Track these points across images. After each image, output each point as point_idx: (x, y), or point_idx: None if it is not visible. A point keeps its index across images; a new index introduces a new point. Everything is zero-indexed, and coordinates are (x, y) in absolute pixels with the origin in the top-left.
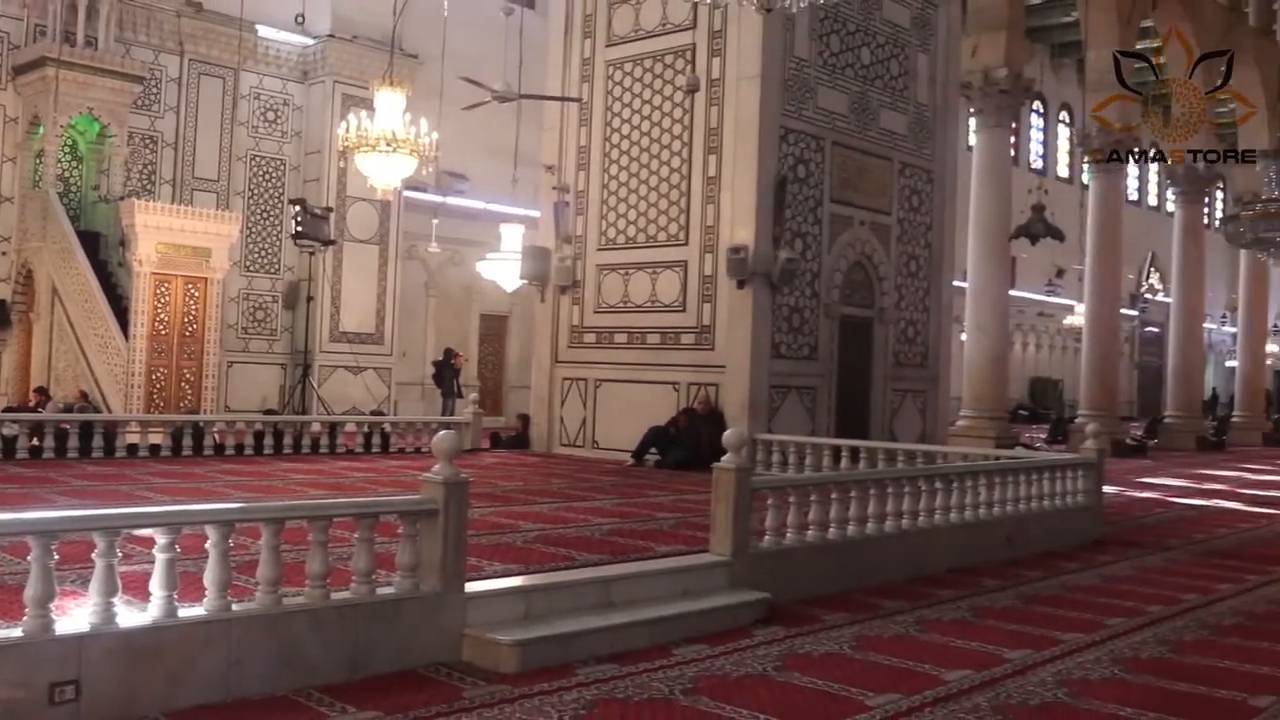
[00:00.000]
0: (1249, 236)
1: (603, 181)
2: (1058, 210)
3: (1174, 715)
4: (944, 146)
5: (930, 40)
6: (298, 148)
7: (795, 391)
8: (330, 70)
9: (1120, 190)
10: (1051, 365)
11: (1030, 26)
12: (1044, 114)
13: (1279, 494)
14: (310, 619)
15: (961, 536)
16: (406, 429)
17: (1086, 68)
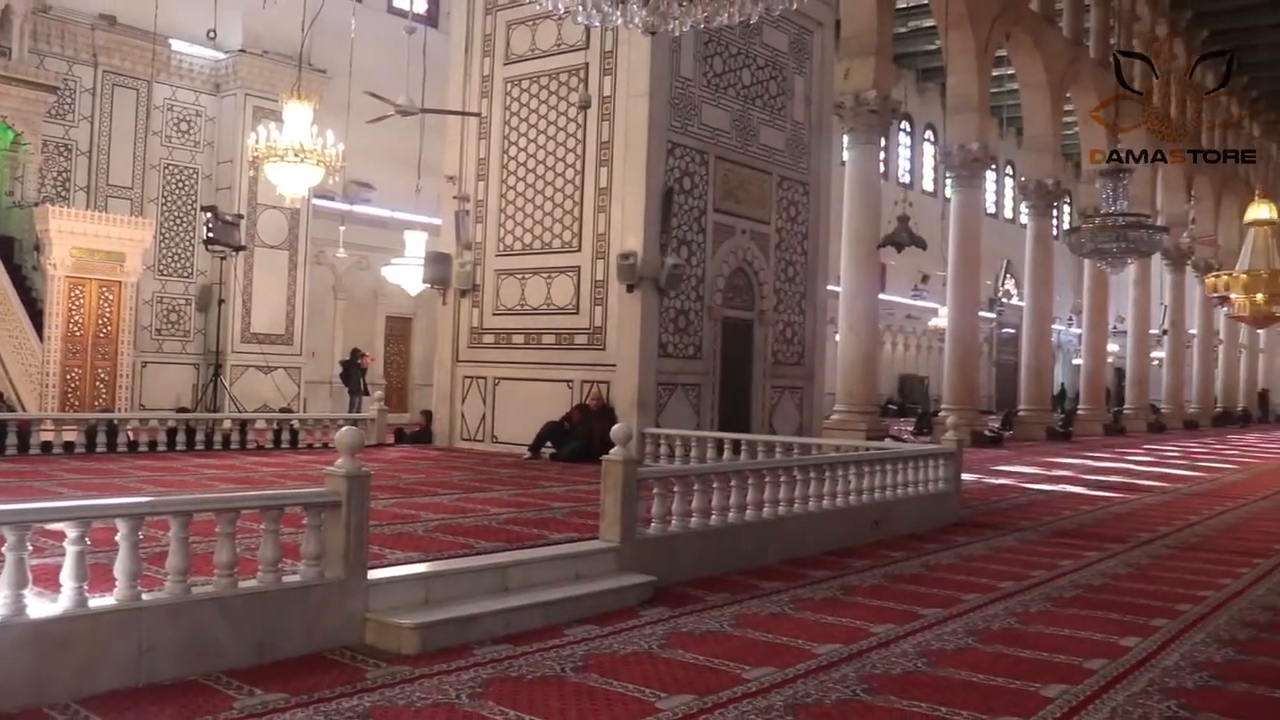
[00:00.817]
0: (1089, 247)
1: (501, 191)
2: (922, 221)
3: (1019, 679)
4: (818, 161)
5: (806, 64)
6: (210, 157)
7: (681, 388)
8: (241, 83)
9: (979, 203)
10: (918, 363)
11: (898, 53)
12: (911, 132)
13: (1117, 479)
14: (219, 607)
15: (834, 521)
16: (314, 425)
17: (948, 91)
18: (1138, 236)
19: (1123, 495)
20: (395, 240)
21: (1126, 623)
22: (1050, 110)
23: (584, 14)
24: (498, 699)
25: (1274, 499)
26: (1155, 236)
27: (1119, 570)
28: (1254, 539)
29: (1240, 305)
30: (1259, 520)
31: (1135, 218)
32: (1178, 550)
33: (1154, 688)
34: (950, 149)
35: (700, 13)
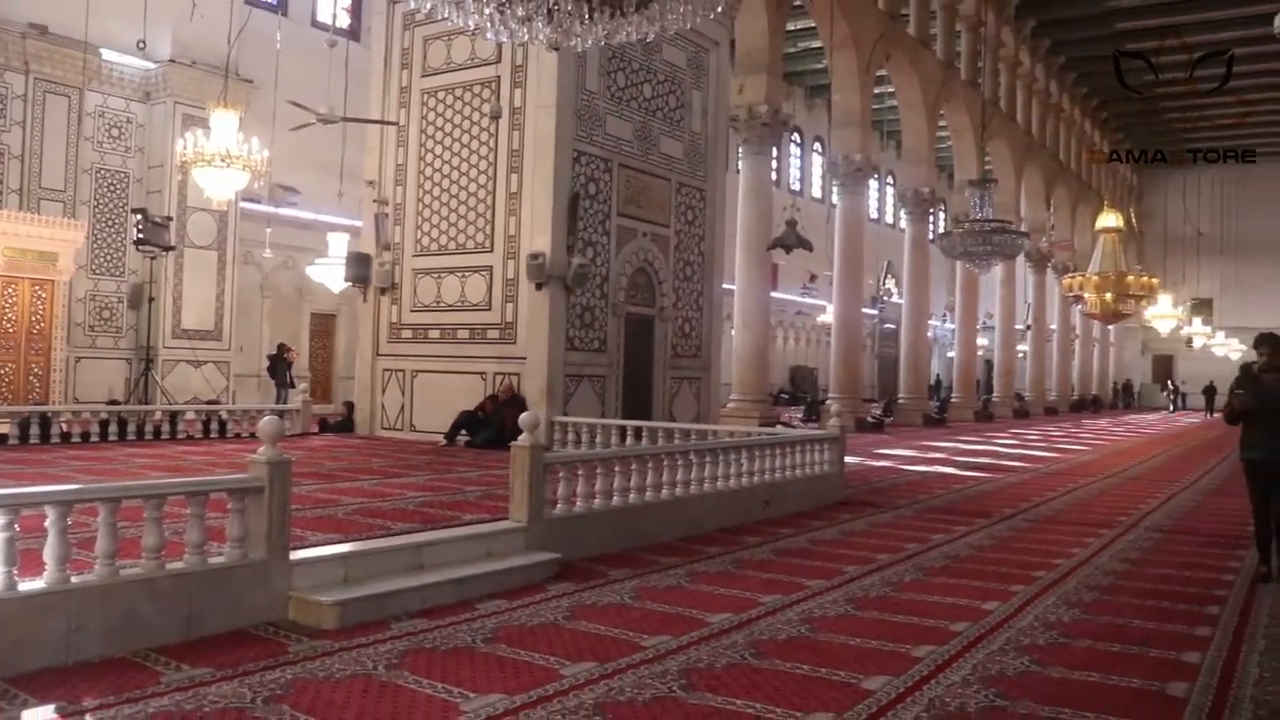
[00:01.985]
0: (959, 250)
1: (418, 195)
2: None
3: (892, 641)
4: (714, 170)
5: (703, 79)
6: (141, 162)
7: (587, 379)
8: (171, 92)
9: (862, 209)
10: (807, 356)
11: (788, 71)
12: (800, 144)
13: (984, 461)
14: (146, 587)
15: (727, 501)
16: (242, 416)
17: (834, 107)
18: (1002, 240)
19: (989, 475)
20: (319, 241)
21: (989, 589)
22: (926, 126)
23: (493, 30)
24: (413, 669)
25: (1119, 477)
26: (1018, 241)
27: (984, 542)
28: (1101, 512)
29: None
30: (1106, 496)
31: (1000, 223)
32: (1035, 524)
33: (1010, 646)
34: (836, 159)
35: (601, 30)
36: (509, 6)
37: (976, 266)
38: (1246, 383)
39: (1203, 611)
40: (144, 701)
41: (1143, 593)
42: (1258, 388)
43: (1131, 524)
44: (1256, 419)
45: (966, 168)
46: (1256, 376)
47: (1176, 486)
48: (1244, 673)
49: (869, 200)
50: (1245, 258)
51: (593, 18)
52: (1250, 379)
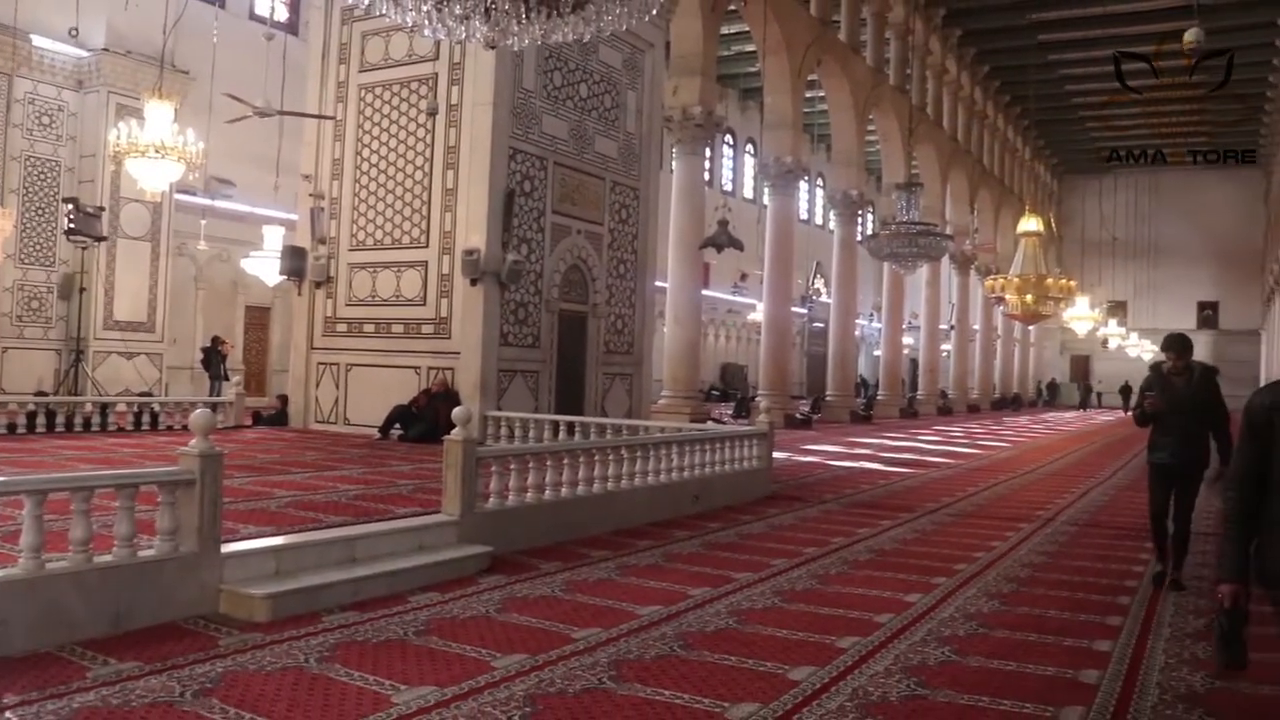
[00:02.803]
0: (886, 251)
1: (354, 190)
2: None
3: (818, 633)
4: (648, 169)
5: (638, 80)
6: (73, 151)
7: (521, 375)
8: (104, 81)
9: (792, 210)
10: (738, 353)
11: (722, 74)
12: (733, 145)
13: (909, 457)
14: (73, 581)
15: (658, 496)
16: (174, 408)
17: (766, 109)
18: (928, 243)
19: (913, 471)
20: (254, 234)
21: (912, 581)
22: (855, 130)
23: (430, 28)
24: (344, 661)
25: (1037, 472)
26: (943, 243)
27: (907, 536)
28: (1020, 507)
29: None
30: (1025, 491)
31: (926, 226)
32: (957, 518)
33: (932, 636)
34: (767, 161)
35: (538, 30)
36: (446, 4)
37: (903, 268)
38: (1156, 384)
39: (1114, 602)
40: (69, 697)
41: (1058, 584)
42: (1167, 390)
43: (1049, 518)
44: (1165, 421)
45: (894, 171)
46: (1166, 378)
47: (1092, 482)
48: (1151, 659)
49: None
50: (1157, 261)
51: (530, 17)
52: (1160, 380)
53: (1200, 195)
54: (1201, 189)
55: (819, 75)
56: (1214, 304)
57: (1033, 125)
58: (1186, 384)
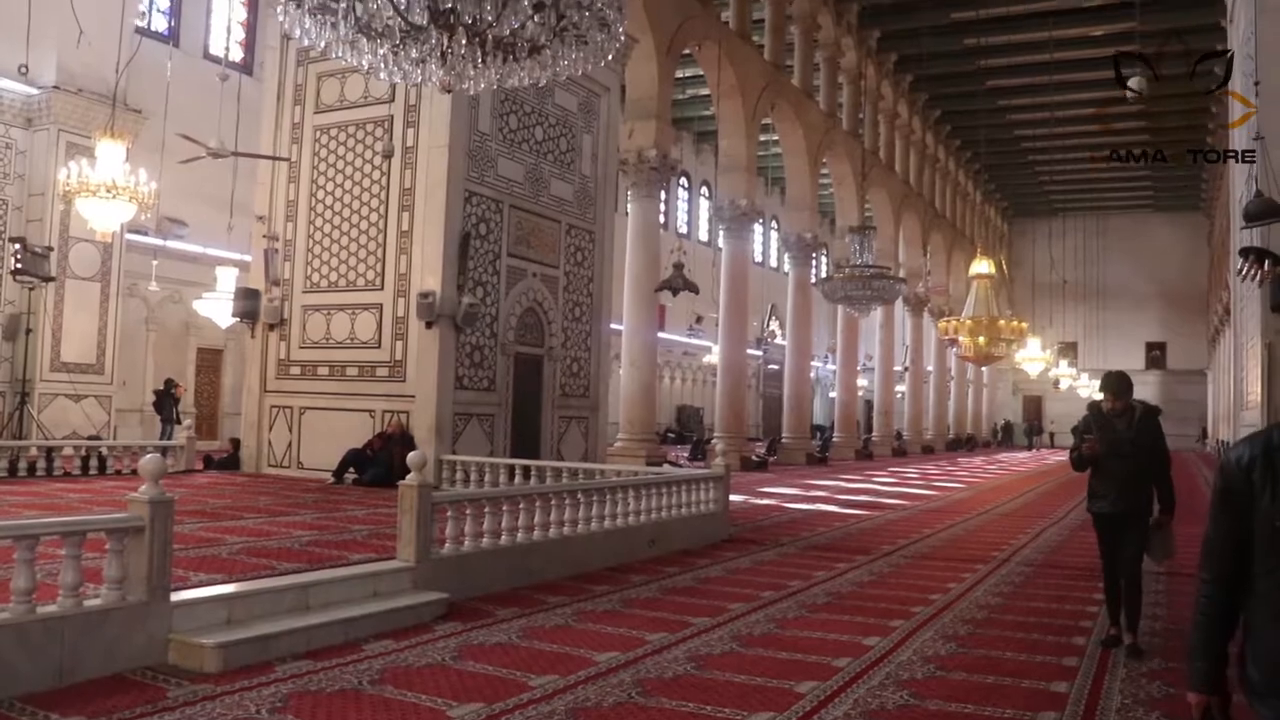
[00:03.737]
0: (840, 294)
1: (309, 232)
2: (697, 268)
3: (776, 678)
4: (604, 212)
5: (594, 123)
6: (21, 189)
7: (476, 418)
8: (55, 119)
9: (747, 253)
10: (694, 395)
11: (677, 117)
12: (688, 187)
13: (865, 499)
14: (15, 632)
15: (614, 540)
16: (123, 452)
17: (720, 153)
18: (881, 286)
19: (870, 512)
20: (207, 275)
21: (869, 624)
22: (809, 173)
23: (387, 71)
24: (297, 712)
25: (992, 513)
26: (896, 286)
27: (864, 579)
28: (976, 548)
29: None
30: (980, 532)
31: (879, 269)
32: (914, 560)
33: (890, 680)
34: (722, 204)
35: (494, 74)
36: (403, 48)
37: (857, 310)
38: (1094, 425)
39: (1070, 643)
40: None
41: (1015, 625)
42: (1105, 432)
43: (1004, 559)
44: (1104, 466)
45: (848, 214)
46: (1104, 419)
47: (1046, 521)
48: (1107, 700)
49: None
50: (1105, 303)
51: (486, 62)
52: (1098, 421)
53: (1147, 238)
54: (1148, 232)
55: (773, 119)
56: (1162, 345)
57: (983, 169)
58: (1127, 426)
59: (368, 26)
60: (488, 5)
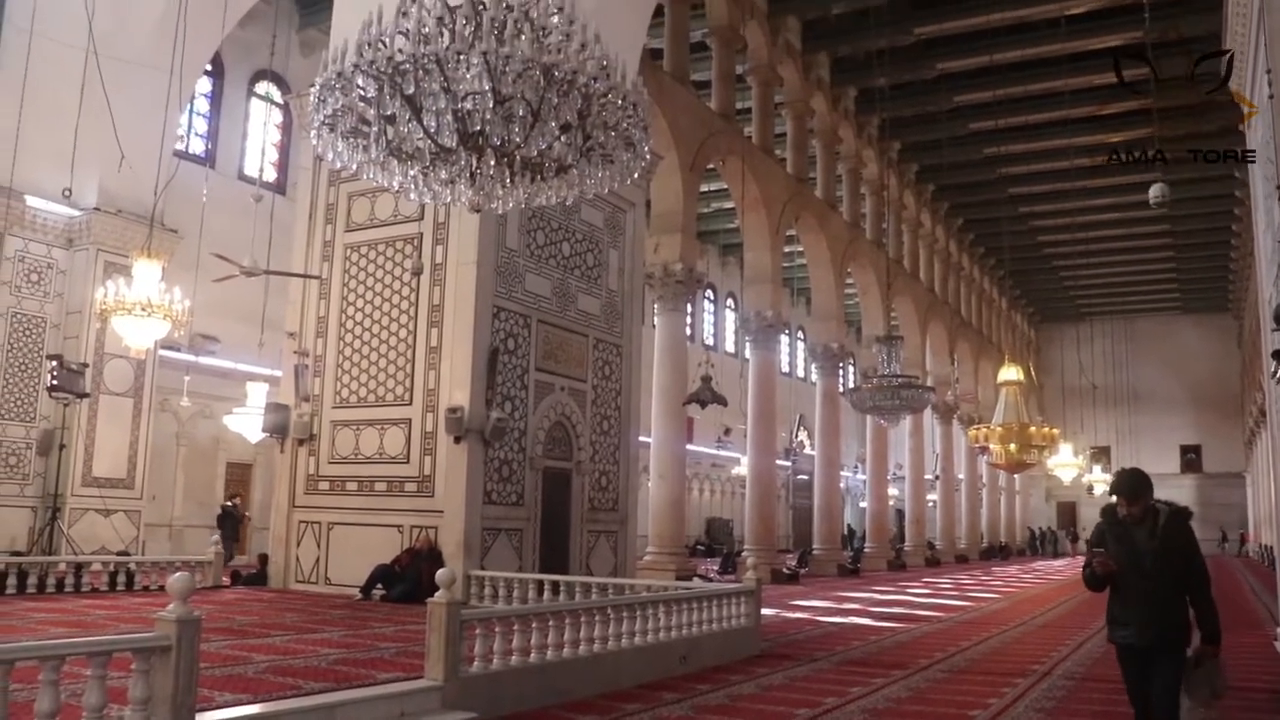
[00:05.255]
0: (869, 404)
1: (339, 348)
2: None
3: None
4: (630, 325)
5: (620, 238)
6: (59, 307)
7: (505, 533)
8: (94, 239)
9: (774, 364)
10: (723, 507)
11: (702, 230)
12: (714, 300)
13: (899, 610)
14: None
15: (645, 656)
16: (151, 568)
17: (746, 265)
18: (910, 395)
19: (904, 625)
20: (238, 390)
21: None
22: (834, 283)
23: (417, 192)
24: None
25: (1030, 624)
26: (925, 395)
27: (902, 695)
28: (1015, 661)
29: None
30: (1019, 644)
31: (907, 379)
32: (952, 674)
33: None
34: (748, 315)
35: (522, 194)
36: (433, 169)
37: (886, 420)
38: (1109, 535)
39: None
40: None
41: None
42: (1123, 543)
43: (1045, 672)
44: (1124, 585)
45: (874, 323)
46: (1121, 527)
47: (1086, 632)
48: None
49: (781, 355)
50: (1138, 407)
51: (514, 181)
52: (1114, 530)
53: (1176, 341)
54: (1176, 334)
55: (797, 231)
56: (1196, 447)
57: (1008, 276)
58: (1149, 534)
59: (398, 149)
60: (516, 127)
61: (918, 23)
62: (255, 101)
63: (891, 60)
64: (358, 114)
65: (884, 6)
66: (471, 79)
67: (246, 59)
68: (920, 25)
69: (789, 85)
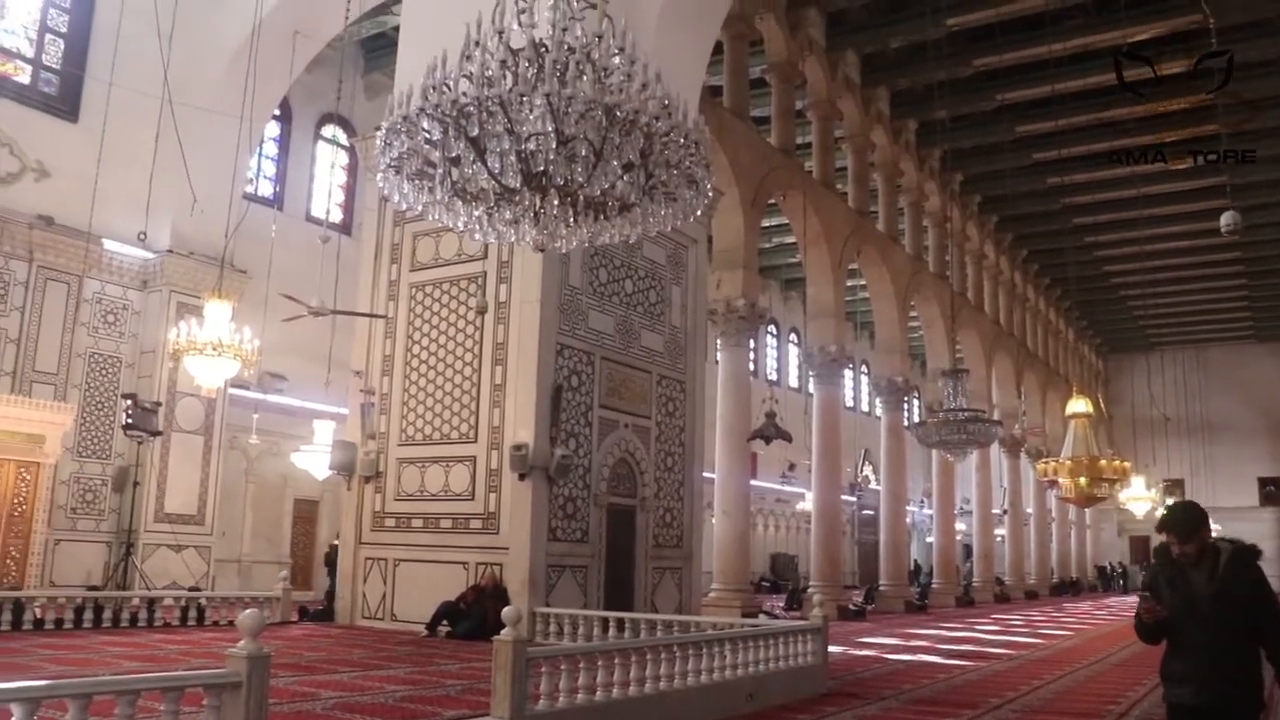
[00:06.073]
0: (935, 439)
1: (404, 386)
2: (788, 414)
3: None
4: (694, 362)
5: (682, 275)
6: (134, 347)
7: (569, 570)
8: (167, 281)
9: (838, 398)
10: (788, 543)
11: (764, 265)
12: (777, 335)
13: (968, 648)
14: None
15: (711, 694)
16: (221, 603)
17: (809, 299)
18: (976, 429)
19: (974, 663)
20: (305, 428)
21: None
22: (898, 316)
23: (481, 232)
24: None
25: (1104, 662)
26: (992, 429)
27: None
28: (1090, 701)
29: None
30: (1093, 682)
31: (974, 412)
32: (1024, 714)
33: None
34: (812, 350)
35: (585, 232)
36: (497, 210)
37: (952, 455)
38: (1162, 579)
39: None
40: None
41: None
42: (1178, 587)
43: (1121, 713)
44: (1181, 636)
45: (938, 356)
46: (1176, 569)
47: None
48: None
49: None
50: (1212, 438)
51: (577, 220)
52: (1167, 573)
53: (1250, 370)
54: (1251, 363)
55: (859, 264)
56: (1276, 480)
57: (1074, 306)
58: (1209, 577)
59: (463, 190)
60: (579, 167)
61: (977, 54)
62: (322, 144)
63: (952, 92)
64: (423, 156)
65: (943, 39)
66: (535, 120)
67: (313, 103)
68: (979, 57)
69: (849, 119)
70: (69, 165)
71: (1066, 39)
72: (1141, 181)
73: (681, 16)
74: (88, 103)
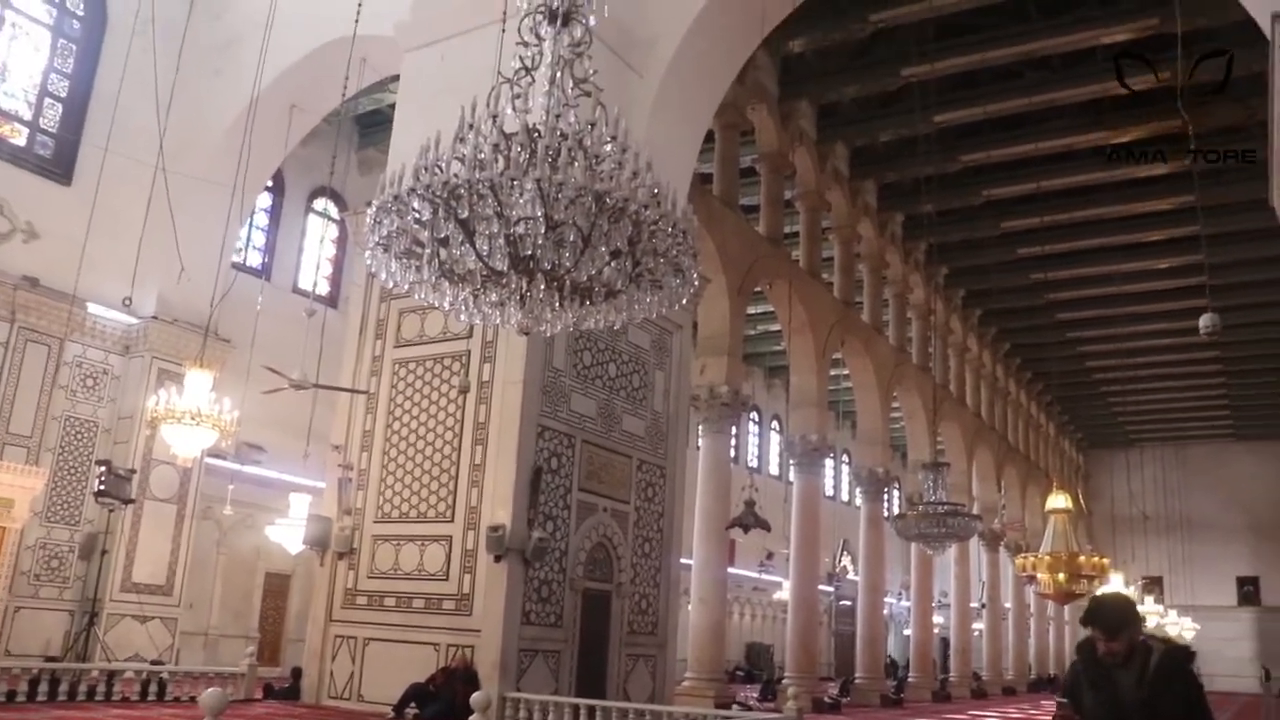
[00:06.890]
0: (914, 531)
1: (383, 462)
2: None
3: None
4: (675, 447)
5: (666, 360)
6: (111, 412)
7: (542, 654)
8: (150, 347)
9: (818, 487)
10: (764, 632)
11: (748, 353)
12: (759, 422)
13: None
14: None
15: None
16: (184, 678)
17: (791, 388)
18: (956, 523)
19: None
20: (281, 500)
21: None
22: (880, 407)
23: (467, 313)
24: None
25: None
26: (971, 523)
27: None
28: None
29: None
30: None
31: (953, 506)
32: None
33: None
34: (793, 438)
35: (570, 317)
36: (483, 291)
37: (931, 548)
38: (1085, 682)
39: None
40: None
41: None
42: (1102, 690)
43: None
44: None
45: (919, 448)
46: (1102, 669)
47: None
48: None
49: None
50: (1191, 536)
51: (563, 305)
52: (1092, 674)
53: (1230, 468)
54: (1230, 462)
55: (843, 354)
56: (1254, 579)
57: (1055, 401)
58: (1138, 680)
59: (451, 270)
60: (566, 252)
61: (964, 150)
62: (313, 217)
63: (939, 186)
64: (412, 235)
65: (931, 134)
66: (525, 204)
67: (306, 176)
68: (967, 153)
69: (836, 210)
70: (59, 228)
71: (1052, 138)
72: (1123, 280)
73: (675, 106)
74: (82, 167)
